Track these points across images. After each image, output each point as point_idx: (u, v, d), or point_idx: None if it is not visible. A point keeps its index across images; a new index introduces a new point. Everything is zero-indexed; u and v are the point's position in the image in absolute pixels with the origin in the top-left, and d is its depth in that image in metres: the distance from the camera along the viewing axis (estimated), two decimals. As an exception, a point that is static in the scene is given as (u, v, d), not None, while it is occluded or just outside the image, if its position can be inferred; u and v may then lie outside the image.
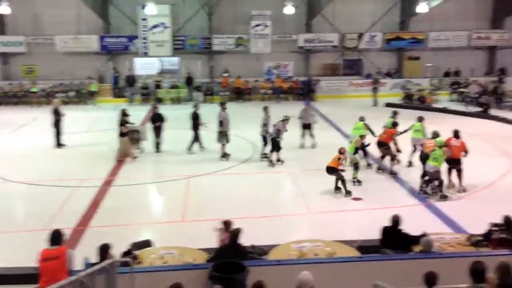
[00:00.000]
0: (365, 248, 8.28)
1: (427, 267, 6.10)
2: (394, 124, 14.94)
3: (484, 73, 32.52)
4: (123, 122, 15.85)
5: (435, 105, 25.63)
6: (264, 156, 15.98)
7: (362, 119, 15.81)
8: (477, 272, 5.66)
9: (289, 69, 31.30)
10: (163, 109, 18.01)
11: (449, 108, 24.47)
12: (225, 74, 29.60)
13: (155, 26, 29.60)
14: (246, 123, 18.44)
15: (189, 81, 29.42)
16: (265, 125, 15.92)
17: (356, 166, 13.59)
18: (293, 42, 31.30)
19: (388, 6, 31.78)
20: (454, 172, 12.91)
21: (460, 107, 25.43)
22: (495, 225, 8.05)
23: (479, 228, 8.51)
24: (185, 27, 30.92)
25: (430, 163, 12.34)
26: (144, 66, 29.81)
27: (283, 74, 30.64)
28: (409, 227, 8.30)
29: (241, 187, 13.67)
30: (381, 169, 14.67)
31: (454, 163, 12.87)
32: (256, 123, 16.51)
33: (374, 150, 15.06)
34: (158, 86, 29.05)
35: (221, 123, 16.05)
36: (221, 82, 29.94)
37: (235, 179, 14.38)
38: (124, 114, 16.09)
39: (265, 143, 16.01)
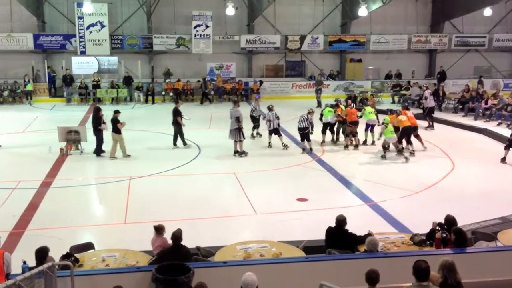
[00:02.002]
0: (311, 249, 8.25)
1: (372, 267, 6.11)
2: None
3: (425, 75, 33.60)
4: (117, 120, 15.90)
5: (378, 107, 26.14)
6: (286, 146, 17.47)
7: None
8: (420, 271, 5.71)
9: (232, 70, 31.23)
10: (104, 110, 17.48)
11: (391, 110, 25.01)
12: (168, 81, 29.16)
13: (92, 25, 28.83)
14: (189, 124, 18.10)
15: (128, 80, 28.79)
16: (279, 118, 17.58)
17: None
18: (236, 43, 31.25)
19: (329, 9, 32.27)
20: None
21: (402, 109, 26.06)
22: (438, 224, 8.20)
23: (423, 227, 8.65)
24: (123, 26, 30.30)
25: (390, 136, 15.83)
26: (82, 65, 28.96)
27: (226, 75, 30.52)
28: (354, 227, 8.35)
29: (185, 188, 13.41)
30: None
31: (414, 130, 16.83)
32: (199, 125, 16.32)
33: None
34: (96, 86, 28.26)
35: (238, 119, 16.25)
36: (161, 82, 29.52)
37: (179, 180, 14.10)
38: (116, 111, 16.21)
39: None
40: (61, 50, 29.51)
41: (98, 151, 16.34)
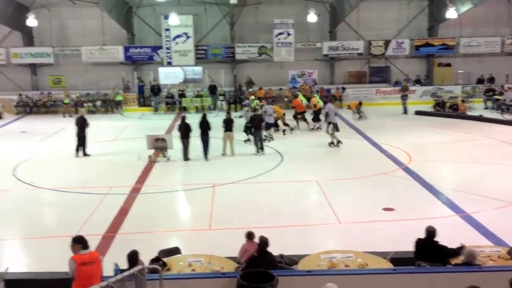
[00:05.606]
0: (399, 260, 7.91)
1: (465, 281, 5.76)
2: None
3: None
4: (231, 120, 17.77)
5: (469, 113, 24.98)
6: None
7: None
8: (518, 286, 5.32)
9: (313, 77, 31.11)
10: (188, 118, 17.96)
11: (484, 116, 23.85)
12: (250, 90, 29.51)
13: (178, 36, 29.85)
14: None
15: (213, 89, 29.48)
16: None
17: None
18: (317, 50, 31.07)
19: (414, 12, 31.36)
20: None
21: (496, 115, 24.76)
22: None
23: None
24: (207, 36, 31.08)
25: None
26: (168, 76, 30.09)
27: (308, 82, 30.43)
28: (445, 239, 7.93)
29: (268, 195, 13.42)
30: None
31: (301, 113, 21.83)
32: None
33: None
34: (182, 95, 29.15)
35: (336, 114, 18.60)
36: (244, 90, 29.96)
37: (262, 187, 14.16)
38: (228, 113, 18.63)
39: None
40: (149, 61, 30.73)
41: (206, 154, 17.16)
